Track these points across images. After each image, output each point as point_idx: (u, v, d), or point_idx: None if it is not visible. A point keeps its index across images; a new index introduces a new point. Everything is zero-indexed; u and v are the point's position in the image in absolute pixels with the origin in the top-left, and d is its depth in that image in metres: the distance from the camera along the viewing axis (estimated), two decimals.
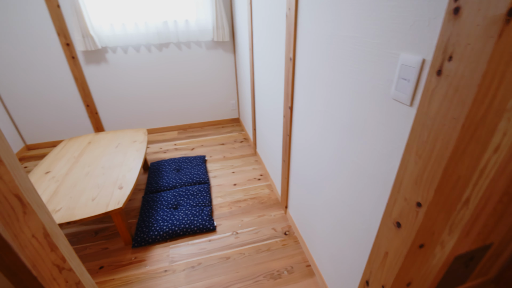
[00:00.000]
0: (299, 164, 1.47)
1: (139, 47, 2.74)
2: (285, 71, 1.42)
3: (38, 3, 2.35)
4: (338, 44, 0.91)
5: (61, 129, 2.97)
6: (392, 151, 0.72)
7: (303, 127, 1.34)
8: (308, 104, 1.22)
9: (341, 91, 0.93)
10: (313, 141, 1.24)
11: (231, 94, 3.21)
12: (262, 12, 1.72)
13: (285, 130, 1.57)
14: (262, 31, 1.77)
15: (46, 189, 1.65)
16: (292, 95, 1.40)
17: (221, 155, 2.66)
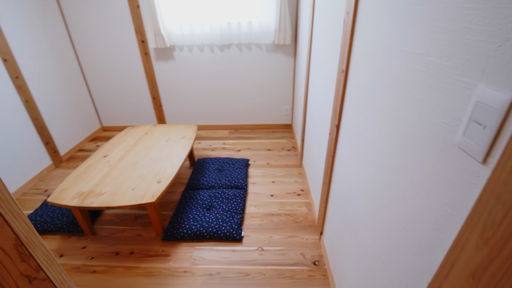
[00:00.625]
0: (338, 192, 1.28)
1: (203, 47, 2.85)
2: (336, 83, 1.24)
3: (122, 3, 2.64)
4: (395, 60, 0.72)
5: (131, 116, 3.32)
6: (447, 217, 0.52)
7: (346, 151, 1.15)
8: (355, 126, 1.03)
9: (394, 120, 0.74)
10: (354, 171, 1.05)
11: (287, 99, 3.09)
12: (322, 16, 1.56)
13: (329, 150, 1.39)
14: (320, 37, 1.61)
15: (100, 171, 1.83)
16: (340, 112, 1.22)
17: (265, 161, 2.58)
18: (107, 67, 3.01)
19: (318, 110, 1.68)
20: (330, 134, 1.36)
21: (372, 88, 0.87)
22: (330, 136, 1.37)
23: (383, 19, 0.78)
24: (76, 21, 2.78)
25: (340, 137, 1.24)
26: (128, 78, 3.06)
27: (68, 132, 2.83)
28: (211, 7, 2.60)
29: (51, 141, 2.58)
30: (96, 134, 3.30)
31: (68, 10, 2.73)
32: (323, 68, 1.54)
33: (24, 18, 2.31)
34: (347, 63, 1.10)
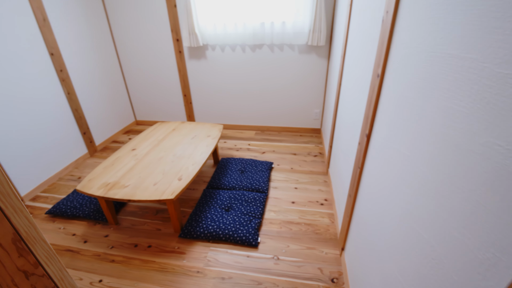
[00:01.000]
0: (364, 208, 1.17)
1: (235, 47, 2.84)
2: (370, 89, 1.13)
3: (161, 2, 2.73)
4: (440, 65, 0.61)
5: (162, 112, 3.43)
6: (494, 261, 0.42)
7: (376, 165, 1.04)
8: (389, 139, 0.93)
9: (435, 136, 0.63)
10: (384, 188, 0.94)
11: (317, 102, 2.98)
12: (359, 15, 1.45)
13: (357, 161, 1.28)
14: (356, 38, 1.49)
15: (126, 164, 1.89)
16: (372, 121, 1.11)
17: (289, 166, 2.50)
18: (143, 63, 3.14)
19: (349, 116, 1.57)
20: (360, 144, 1.25)
21: (411, 96, 0.77)
22: (359, 146, 1.26)
23: (428, 18, 0.68)
24: (118, 18, 2.94)
25: (370, 149, 1.13)
26: (162, 75, 3.16)
27: (104, 123, 3.00)
28: (245, 6, 2.58)
29: (88, 131, 2.75)
30: (130, 127, 3.46)
31: (112, 8, 2.89)
32: (357, 72, 1.43)
33: (71, 15, 2.48)
34: (383, 67, 1.00)
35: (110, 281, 1.49)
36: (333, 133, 2.16)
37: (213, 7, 2.65)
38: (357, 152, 1.29)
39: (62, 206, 1.98)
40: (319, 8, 2.36)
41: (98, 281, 1.49)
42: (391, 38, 0.95)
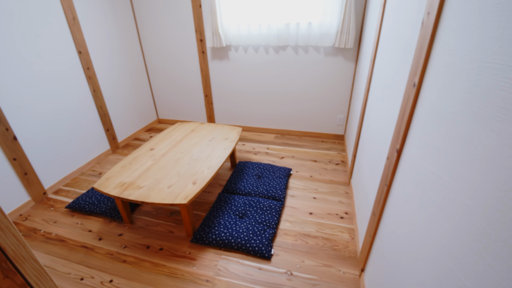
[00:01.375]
0: (390, 231, 1.05)
1: (258, 48, 2.78)
2: (403, 100, 1.01)
3: (186, 3, 2.73)
4: (496, 78, 0.50)
5: (183, 111, 3.45)
6: None
7: (407, 186, 0.92)
8: (424, 158, 0.81)
9: (484, 163, 0.52)
10: (416, 214, 0.82)
11: (341, 107, 2.83)
12: (394, 17, 1.32)
13: (385, 177, 1.16)
14: (389, 41, 1.36)
15: (144, 164, 1.89)
16: (404, 136, 0.99)
17: (309, 173, 2.38)
18: (167, 62, 3.17)
19: (377, 126, 1.44)
20: (388, 159, 1.13)
21: (455, 112, 0.65)
22: (388, 161, 1.14)
23: (482, 21, 0.56)
24: (144, 18, 2.98)
25: (400, 166, 1.01)
26: (185, 75, 3.17)
27: (127, 121, 3.06)
28: (270, 7, 2.51)
29: (111, 128, 2.82)
30: (152, 125, 3.52)
31: (139, 8, 2.94)
32: (388, 79, 1.30)
33: (100, 14, 2.55)
34: (421, 75, 0.88)
35: (120, 282, 1.48)
36: (358, 142, 2.02)
37: (237, 7, 2.61)
38: (385, 167, 1.16)
39: (81, 202, 2.02)
40: (349, 9, 2.23)
41: (109, 281, 1.49)
42: (432, 43, 0.83)
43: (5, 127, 1.83)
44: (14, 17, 1.84)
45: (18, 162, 1.93)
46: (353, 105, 2.52)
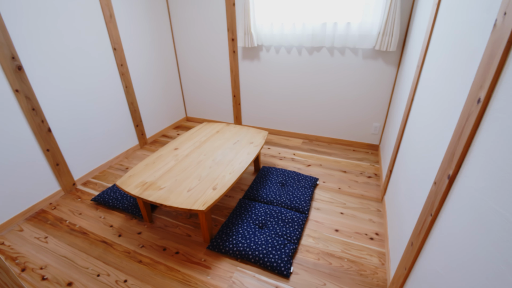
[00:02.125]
0: (433, 270, 0.88)
1: (290, 48, 2.65)
2: (462, 117, 0.84)
3: (220, 1, 2.68)
4: None
5: (211, 111, 3.43)
6: None
7: (460, 222, 0.75)
8: (489, 195, 0.65)
9: None
10: (470, 264, 0.66)
11: (378, 115, 2.61)
12: (450, 17, 1.13)
13: (429, 205, 0.99)
14: (442, 45, 1.17)
15: (166, 164, 1.87)
16: (460, 161, 0.82)
17: (337, 185, 2.22)
18: (198, 61, 3.16)
19: (421, 142, 1.26)
20: (436, 185, 0.96)
21: None
22: (435, 186, 0.97)
23: None
24: (178, 16, 2.99)
25: (452, 196, 0.84)
26: (215, 74, 3.14)
27: (156, 117, 3.11)
28: (306, 5, 2.37)
29: (141, 124, 2.87)
30: (180, 123, 3.55)
31: (174, 6, 2.96)
32: (440, 90, 1.12)
33: (136, 12, 2.59)
34: (489, 90, 0.71)
35: (134, 283, 1.46)
36: (395, 155, 1.82)
37: (272, 6, 2.50)
38: (431, 193, 0.99)
39: (105, 196, 2.06)
40: (394, 8, 2.02)
41: (123, 281, 1.47)
42: (508, 51, 0.66)
43: (41, 119, 1.91)
44: (57, 13, 1.91)
45: (51, 153, 2.01)
46: (391, 114, 2.29)
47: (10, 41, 1.66)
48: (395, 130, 1.98)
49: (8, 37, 1.65)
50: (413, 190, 1.25)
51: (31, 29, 1.78)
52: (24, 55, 1.76)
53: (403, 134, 1.67)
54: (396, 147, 1.79)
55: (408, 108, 1.63)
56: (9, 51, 1.66)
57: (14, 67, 1.71)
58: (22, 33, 1.73)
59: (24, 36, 1.74)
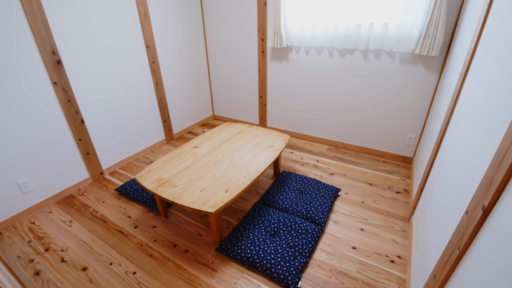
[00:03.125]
0: None
1: (321, 50, 2.53)
2: (505, 138, 0.70)
3: (251, 1, 2.65)
4: None
5: (237, 110, 3.43)
6: None
7: (495, 265, 0.63)
8: None
9: None
10: None
11: (414, 125, 2.38)
12: (504, 20, 0.96)
13: (457, 237, 0.85)
14: (491, 53, 1.01)
15: (184, 162, 1.88)
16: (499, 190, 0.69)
17: (360, 198, 2.07)
18: (227, 60, 3.17)
19: (456, 161, 1.10)
20: (468, 214, 0.82)
21: None
22: (466, 216, 0.83)
23: None
24: (211, 15, 3.03)
25: (485, 231, 0.71)
26: (243, 74, 3.13)
27: (184, 114, 3.18)
28: (340, 5, 2.24)
29: (168, 120, 2.96)
30: (206, 120, 3.60)
31: (207, 5, 3.00)
32: (484, 104, 0.96)
33: (170, 11, 2.66)
34: None
35: (142, 276, 1.49)
36: (428, 172, 1.64)
37: (304, 5, 2.41)
38: (461, 223, 0.85)
39: (127, 187, 2.15)
40: (438, 8, 1.81)
41: (133, 272, 1.51)
42: None
43: (75, 111, 2.04)
44: (95, 11, 2.03)
45: (82, 142, 2.14)
46: (429, 126, 2.08)
47: (52, 37, 1.80)
48: (430, 143, 1.78)
49: (50, 33, 1.78)
50: (442, 215, 1.10)
51: (70, 26, 1.90)
52: (63, 50, 1.89)
53: (439, 149, 1.49)
54: (430, 163, 1.61)
55: (446, 121, 1.45)
56: (50, 46, 1.80)
57: (54, 61, 1.84)
58: (62, 30, 1.86)
59: (63, 32, 1.87)
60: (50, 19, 1.78)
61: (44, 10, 1.73)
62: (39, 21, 1.72)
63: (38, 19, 1.71)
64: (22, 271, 1.52)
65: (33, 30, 1.70)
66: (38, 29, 1.72)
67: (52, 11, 1.78)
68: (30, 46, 1.72)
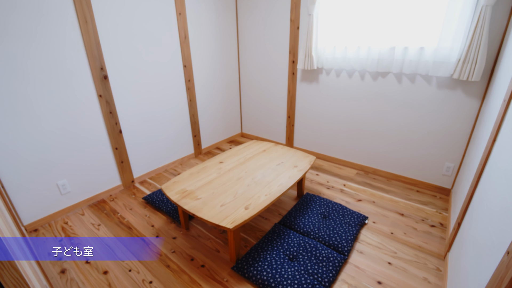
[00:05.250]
0: None
1: (352, 72, 2.51)
2: None
3: (285, 24, 2.75)
4: None
5: (265, 129, 3.47)
6: None
7: None
8: None
9: None
10: None
11: (452, 154, 2.21)
12: None
13: (497, 280, 0.75)
14: None
15: (209, 176, 1.92)
16: None
17: (390, 229, 1.92)
18: (258, 80, 3.27)
19: (497, 196, 0.99)
20: (509, 256, 0.72)
21: None
22: (507, 257, 0.73)
23: None
24: (245, 37, 3.18)
25: None
26: (272, 94, 3.19)
27: (213, 130, 3.29)
28: (373, 28, 2.23)
29: (198, 134, 3.08)
30: (234, 137, 3.68)
31: (243, 28, 3.16)
32: None
33: (207, 34, 2.86)
34: None
35: (157, 286, 1.50)
36: (467, 205, 1.49)
37: (336, 29, 2.44)
38: (501, 265, 0.75)
39: (154, 196, 2.23)
40: (479, 32, 1.72)
41: (149, 282, 1.53)
42: None
43: (115, 121, 2.22)
44: (140, 34, 2.25)
45: (118, 151, 2.30)
46: (469, 155, 1.91)
47: (102, 55, 2.01)
48: (470, 174, 1.63)
49: (101, 52, 2.00)
50: (481, 254, 0.98)
51: (118, 46, 2.12)
52: (110, 67, 2.10)
53: (479, 181, 1.35)
54: (469, 196, 1.46)
55: (488, 150, 1.32)
56: (99, 63, 2.01)
57: (101, 76, 2.05)
58: (111, 49, 2.08)
59: (112, 51, 2.09)
60: (102, 40, 2.01)
61: (98, 32, 1.96)
62: (92, 41, 1.94)
63: (92, 39, 1.94)
64: (50, 268, 1.62)
65: (86, 49, 1.93)
66: (91, 48, 1.95)
67: (103, 33, 2.01)
68: (82, 63, 1.94)
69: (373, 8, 2.20)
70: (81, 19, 1.85)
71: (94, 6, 1.91)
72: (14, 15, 1.59)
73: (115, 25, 2.06)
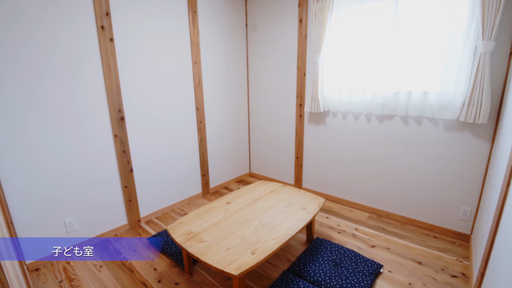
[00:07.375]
0: None
1: (359, 115, 2.58)
2: None
3: (292, 71, 2.93)
4: None
5: (273, 169, 3.47)
6: None
7: None
8: None
9: None
10: None
11: (468, 197, 2.12)
12: None
13: None
14: None
15: (215, 217, 1.89)
16: None
17: (407, 279, 1.78)
18: (267, 122, 3.38)
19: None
20: None
21: None
22: None
23: None
24: (255, 83, 3.38)
25: None
26: (280, 135, 3.26)
27: (221, 170, 3.32)
28: (376, 74, 2.34)
29: (207, 174, 3.10)
30: (242, 177, 3.68)
31: (253, 74, 3.37)
32: None
33: (219, 79, 3.05)
34: None
35: None
36: (488, 253, 1.38)
37: (341, 75, 2.58)
38: None
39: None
40: (480, 77, 1.78)
41: None
42: None
43: (127, 160, 2.29)
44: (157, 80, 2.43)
45: (128, 189, 2.33)
46: (485, 198, 1.83)
47: (121, 98, 2.16)
48: (488, 220, 1.55)
49: (120, 96, 2.16)
50: None
51: (136, 90, 2.29)
52: (127, 109, 2.24)
53: (498, 226, 1.28)
54: (489, 243, 1.37)
55: (504, 193, 1.28)
56: (118, 106, 2.15)
57: (119, 118, 2.17)
58: (129, 93, 2.24)
59: (130, 95, 2.25)
60: (122, 84, 2.17)
61: (119, 77, 2.14)
62: (113, 85, 2.11)
63: (113, 83, 2.10)
64: None
65: (107, 92, 2.08)
66: (112, 92, 2.10)
67: (124, 79, 2.18)
68: (103, 105, 2.08)
69: (375, 55, 2.34)
70: (105, 66, 2.04)
71: (118, 55, 2.11)
72: (46, 62, 1.78)
73: (135, 71, 2.25)
